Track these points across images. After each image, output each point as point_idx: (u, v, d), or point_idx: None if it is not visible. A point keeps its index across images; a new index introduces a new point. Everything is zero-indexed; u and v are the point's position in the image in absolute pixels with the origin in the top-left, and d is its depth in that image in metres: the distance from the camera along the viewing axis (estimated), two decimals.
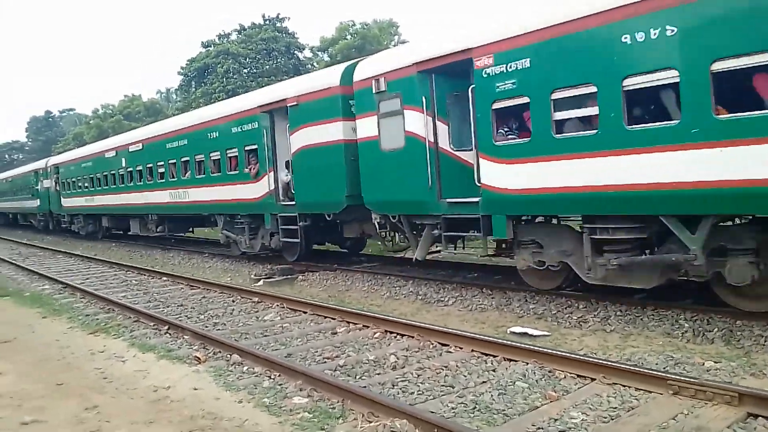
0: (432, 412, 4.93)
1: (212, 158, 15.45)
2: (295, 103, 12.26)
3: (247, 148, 13.96)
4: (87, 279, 14.43)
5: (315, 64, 37.54)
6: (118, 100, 55.54)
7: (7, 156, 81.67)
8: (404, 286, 10.88)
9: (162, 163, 18.32)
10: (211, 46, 40.41)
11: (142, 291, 12.25)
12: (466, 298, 9.61)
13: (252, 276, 13.47)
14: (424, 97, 9.30)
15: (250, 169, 13.85)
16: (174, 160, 17.54)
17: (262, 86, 25.96)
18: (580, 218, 8.09)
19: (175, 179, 17.55)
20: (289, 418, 5.09)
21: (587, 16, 7.14)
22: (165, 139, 18.04)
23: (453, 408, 5.13)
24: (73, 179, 26.49)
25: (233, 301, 10.59)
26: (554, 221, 8.92)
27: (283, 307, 9.71)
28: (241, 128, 14.09)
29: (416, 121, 9.45)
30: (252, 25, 40.43)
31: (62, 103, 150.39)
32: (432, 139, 9.36)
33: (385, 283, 11.32)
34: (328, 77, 11.80)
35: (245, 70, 37.84)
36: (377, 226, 11.11)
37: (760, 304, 6.97)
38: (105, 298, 11.09)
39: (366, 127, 10.51)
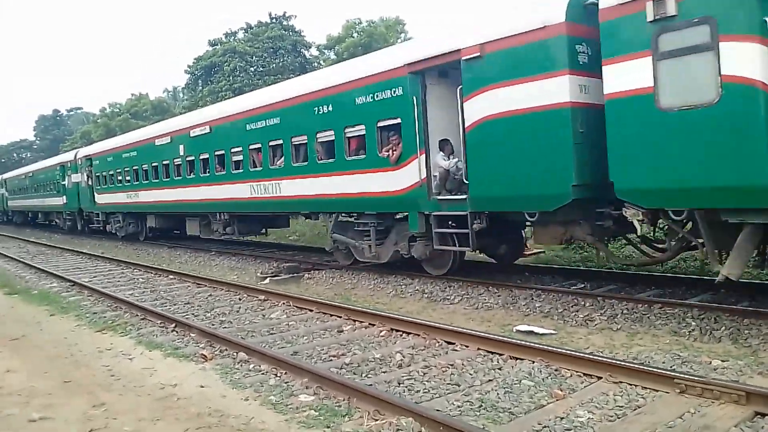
0: (438, 411, 4.94)
1: (320, 140, 12.15)
2: (476, 54, 8.87)
3: (381, 124, 10.72)
4: (94, 277, 14.50)
5: (322, 62, 37.60)
6: (125, 99, 55.88)
7: (15, 155, 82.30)
8: (410, 284, 10.87)
9: (239, 149, 14.75)
10: (218, 45, 40.56)
11: (149, 289, 12.31)
12: (472, 296, 9.60)
13: (258, 274, 13.48)
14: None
15: (390, 152, 10.51)
16: (258, 145, 14.03)
17: (269, 84, 25.71)
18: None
19: (260, 169, 14.07)
20: (295, 415, 5.10)
21: None
22: (245, 118, 14.48)
23: (459, 406, 5.13)
24: (111, 172, 23.05)
25: (240, 300, 10.62)
26: None
27: (289, 306, 9.73)
28: (372, 97, 10.76)
29: (750, 59, 6.21)
30: (259, 24, 40.55)
31: (64, 102, 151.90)
32: None
33: (391, 282, 11.30)
34: (542, 11, 8.20)
35: (252, 69, 37.95)
36: (637, 227, 7.85)
37: None
38: (112, 296, 11.15)
39: (626, 76, 7.16)
